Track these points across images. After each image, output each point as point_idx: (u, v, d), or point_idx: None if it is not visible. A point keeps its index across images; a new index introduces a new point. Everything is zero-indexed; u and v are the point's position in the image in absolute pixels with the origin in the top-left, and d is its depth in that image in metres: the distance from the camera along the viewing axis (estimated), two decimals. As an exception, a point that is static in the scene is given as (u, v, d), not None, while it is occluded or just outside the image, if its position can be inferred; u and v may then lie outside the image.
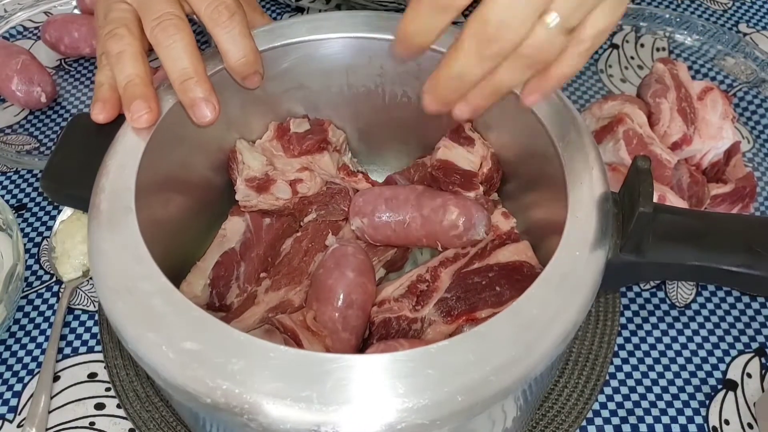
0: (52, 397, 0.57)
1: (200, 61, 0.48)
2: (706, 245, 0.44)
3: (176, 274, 0.53)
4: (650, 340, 0.60)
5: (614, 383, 0.58)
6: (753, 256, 0.43)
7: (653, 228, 0.44)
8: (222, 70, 0.50)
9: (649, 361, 0.59)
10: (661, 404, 0.57)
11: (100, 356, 0.59)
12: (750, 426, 0.56)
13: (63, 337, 0.61)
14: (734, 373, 0.58)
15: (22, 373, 0.59)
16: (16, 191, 0.71)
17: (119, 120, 0.48)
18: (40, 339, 0.61)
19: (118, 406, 0.56)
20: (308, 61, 0.54)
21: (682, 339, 0.60)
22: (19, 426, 0.56)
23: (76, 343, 0.60)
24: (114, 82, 0.48)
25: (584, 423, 0.56)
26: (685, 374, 0.58)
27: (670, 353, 0.59)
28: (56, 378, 0.58)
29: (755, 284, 0.45)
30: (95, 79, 0.50)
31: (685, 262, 0.44)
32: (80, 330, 0.61)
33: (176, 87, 0.47)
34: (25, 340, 0.61)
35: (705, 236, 0.44)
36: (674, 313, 0.62)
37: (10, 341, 0.61)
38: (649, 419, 0.56)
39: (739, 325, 0.61)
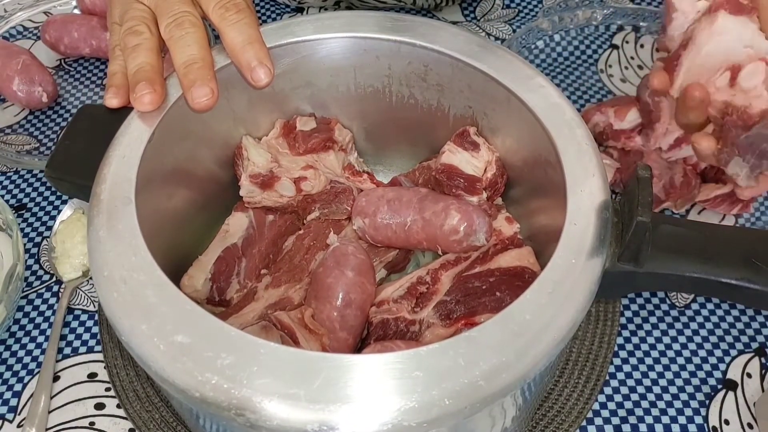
0: (52, 397, 0.57)
1: (208, 52, 0.48)
2: (705, 257, 0.44)
3: (179, 268, 0.53)
4: (650, 340, 0.60)
5: (614, 383, 0.58)
6: (752, 270, 0.43)
7: (652, 238, 0.43)
8: (230, 66, 0.50)
9: (649, 361, 0.59)
10: (661, 404, 0.57)
11: (100, 356, 0.59)
12: (750, 426, 0.56)
13: (63, 337, 0.61)
14: (734, 373, 0.58)
15: (22, 373, 0.59)
16: (16, 191, 0.71)
17: (127, 112, 0.49)
18: (40, 339, 0.61)
19: (118, 406, 0.56)
20: (316, 60, 0.55)
21: (682, 339, 0.60)
22: (19, 426, 0.56)
23: (76, 343, 0.60)
24: (126, 71, 0.49)
25: (584, 423, 0.56)
26: (685, 374, 0.58)
27: (670, 353, 0.59)
28: (56, 378, 0.58)
29: (754, 298, 0.44)
30: (108, 70, 0.51)
31: (683, 273, 0.44)
32: (80, 330, 0.61)
33: (179, 72, 0.48)
34: (25, 340, 0.61)
35: (704, 248, 0.44)
36: (674, 313, 0.62)
37: (10, 341, 0.61)
38: (649, 419, 0.56)
39: (739, 325, 0.61)
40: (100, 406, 0.57)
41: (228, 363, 0.36)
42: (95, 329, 0.61)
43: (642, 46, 0.80)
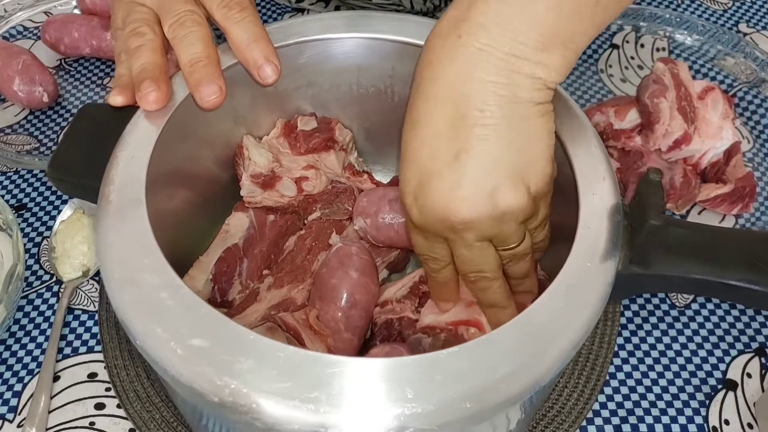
0: (52, 397, 0.57)
1: (213, 50, 0.48)
2: (710, 259, 0.44)
3: (179, 268, 0.52)
4: (650, 340, 0.60)
5: (614, 383, 0.58)
6: (756, 272, 0.43)
7: (660, 241, 0.44)
8: (235, 66, 0.50)
9: (649, 361, 0.59)
10: (661, 404, 0.57)
11: (100, 356, 0.59)
12: (750, 426, 0.56)
13: (63, 337, 0.61)
14: (734, 373, 0.58)
15: (22, 373, 0.59)
16: (16, 191, 0.71)
17: (129, 111, 0.48)
18: (40, 339, 0.60)
19: (118, 406, 0.56)
20: (320, 60, 0.54)
21: (682, 339, 0.60)
22: (19, 426, 0.56)
23: (76, 343, 0.60)
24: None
25: (584, 423, 0.56)
26: (685, 374, 0.58)
27: (670, 353, 0.59)
28: (56, 378, 0.58)
29: (758, 299, 0.44)
30: (115, 73, 0.51)
31: (688, 275, 0.44)
32: (80, 330, 0.61)
33: (185, 71, 0.48)
34: (25, 340, 0.61)
35: (709, 250, 0.44)
36: (674, 313, 0.62)
37: (10, 341, 0.61)
38: (649, 419, 0.56)
39: (739, 325, 0.61)
40: (100, 406, 0.57)
41: (246, 367, 0.36)
42: (95, 329, 0.61)
43: (642, 46, 0.80)
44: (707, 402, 0.57)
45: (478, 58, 0.39)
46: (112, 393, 0.57)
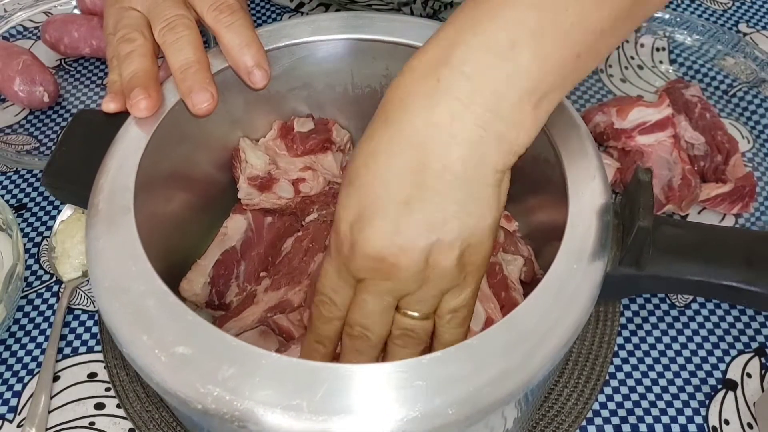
0: (52, 397, 0.57)
1: (203, 54, 0.48)
2: (706, 259, 0.43)
3: (177, 272, 0.53)
4: (650, 340, 0.60)
5: (614, 383, 0.58)
6: (753, 271, 0.43)
7: (653, 241, 0.43)
8: (226, 69, 0.50)
9: (649, 361, 0.59)
10: (661, 404, 0.57)
11: (100, 356, 0.59)
12: (750, 426, 0.56)
13: (63, 337, 0.61)
14: (734, 373, 0.58)
15: (22, 373, 0.59)
16: (16, 191, 0.71)
17: (123, 117, 0.48)
18: (40, 339, 0.61)
19: (118, 406, 0.56)
20: (313, 61, 0.54)
21: (682, 339, 0.60)
22: (19, 426, 0.56)
23: (76, 343, 0.60)
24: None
25: (584, 423, 0.55)
26: (685, 374, 0.58)
27: (670, 353, 0.59)
28: (56, 378, 0.58)
29: (755, 300, 0.44)
30: (107, 80, 0.51)
31: (684, 276, 0.43)
32: (80, 330, 0.61)
33: (176, 77, 0.47)
34: (25, 340, 0.61)
35: (705, 250, 0.44)
36: (674, 313, 0.62)
37: (10, 341, 0.61)
38: (649, 419, 0.56)
39: (739, 325, 0.61)
40: (100, 406, 0.57)
41: (230, 374, 0.36)
42: (95, 329, 0.61)
43: (642, 45, 0.80)
44: (707, 402, 0.57)
45: (455, 109, 0.36)
46: (111, 393, 0.57)
